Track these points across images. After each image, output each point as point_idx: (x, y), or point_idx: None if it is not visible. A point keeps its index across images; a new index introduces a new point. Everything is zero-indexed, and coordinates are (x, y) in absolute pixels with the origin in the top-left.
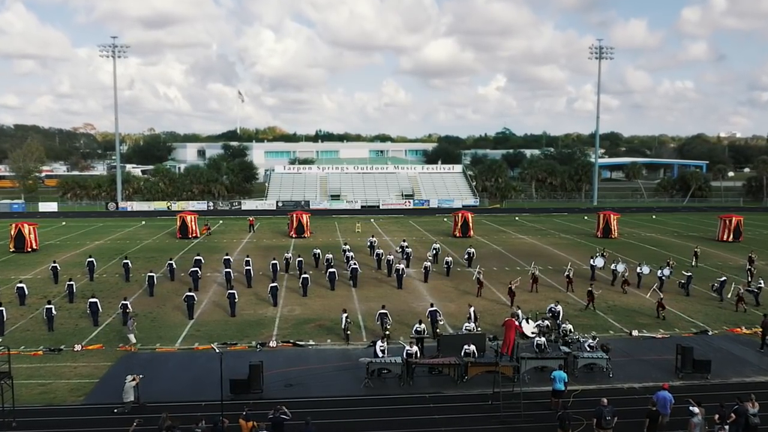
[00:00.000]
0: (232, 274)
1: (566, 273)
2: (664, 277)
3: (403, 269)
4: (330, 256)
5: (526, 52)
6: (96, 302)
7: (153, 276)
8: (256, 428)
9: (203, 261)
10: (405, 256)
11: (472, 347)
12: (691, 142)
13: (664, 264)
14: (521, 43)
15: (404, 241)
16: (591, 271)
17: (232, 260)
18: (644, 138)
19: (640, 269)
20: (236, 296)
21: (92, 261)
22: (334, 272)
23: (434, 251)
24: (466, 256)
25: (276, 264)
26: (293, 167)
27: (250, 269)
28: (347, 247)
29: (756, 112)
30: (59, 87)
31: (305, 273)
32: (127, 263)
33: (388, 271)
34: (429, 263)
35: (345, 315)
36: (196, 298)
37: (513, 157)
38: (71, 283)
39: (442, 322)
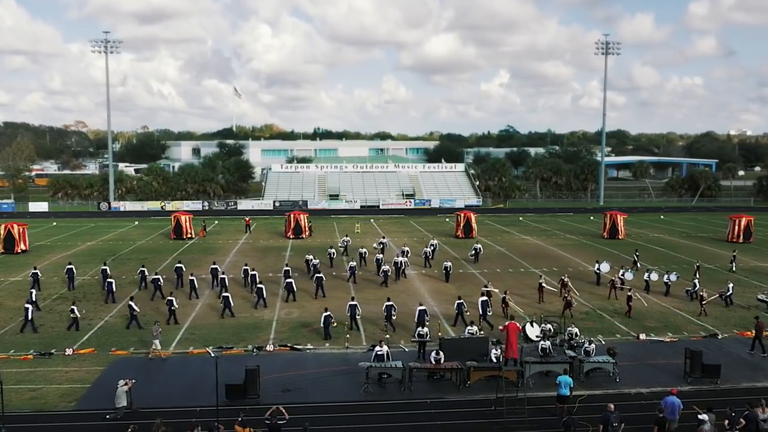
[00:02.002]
0: (195, 283)
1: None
2: (669, 283)
3: (402, 262)
4: (353, 264)
5: (529, 47)
6: (28, 308)
7: (112, 282)
8: None
9: (184, 268)
10: (382, 252)
11: (499, 351)
12: (700, 140)
13: (694, 269)
14: (525, 39)
15: (384, 237)
16: (596, 278)
17: (219, 269)
18: (652, 136)
19: (648, 276)
20: (174, 303)
21: (71, 268)
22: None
23: (432, 247)
24: (472, 252)
25: (255, 275)
26: (291, 166)
27: (224, 278)
28: (332, 251)
29: (767, 109)
30: (50, 83)
31: (319, 272)
32: (106, 269)
33: (377, 269)
34: (401, 258)
35: (326, 314)
36: (137, 309)
37: (517, 156)
38: (32, 290)
39: (395, 317)
